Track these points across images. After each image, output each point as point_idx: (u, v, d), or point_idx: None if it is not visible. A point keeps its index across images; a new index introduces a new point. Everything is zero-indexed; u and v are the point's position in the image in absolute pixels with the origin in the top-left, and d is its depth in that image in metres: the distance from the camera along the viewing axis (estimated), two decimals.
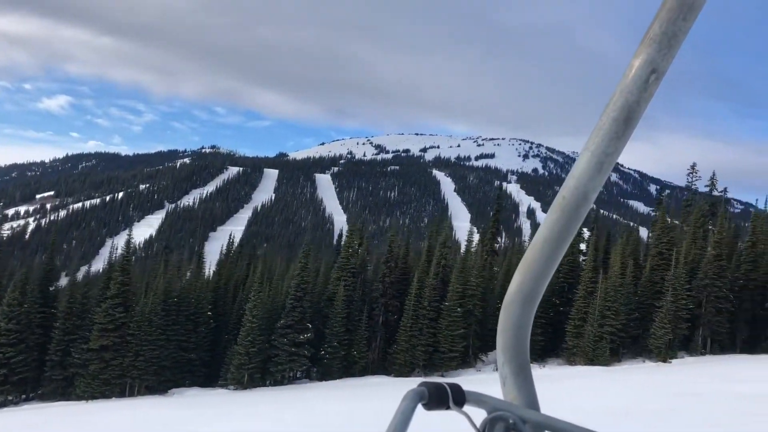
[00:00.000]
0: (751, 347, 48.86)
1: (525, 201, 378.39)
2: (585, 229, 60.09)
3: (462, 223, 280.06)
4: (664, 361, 44.90)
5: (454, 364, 45.55)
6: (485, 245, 59.88)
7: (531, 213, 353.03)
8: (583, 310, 47.79)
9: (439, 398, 0.94)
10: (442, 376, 45.35)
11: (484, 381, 42.43)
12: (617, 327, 45.89)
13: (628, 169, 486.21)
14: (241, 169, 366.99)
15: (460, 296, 46.19)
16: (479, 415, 0.98)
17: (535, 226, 59.28)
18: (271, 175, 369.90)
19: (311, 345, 44.25)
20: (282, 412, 26.17)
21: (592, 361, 45.80)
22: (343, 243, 49.17)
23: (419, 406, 0.93)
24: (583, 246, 55.16)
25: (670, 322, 45.38)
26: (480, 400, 0.98)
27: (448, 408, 0.94)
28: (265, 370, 43.37)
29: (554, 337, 49.49)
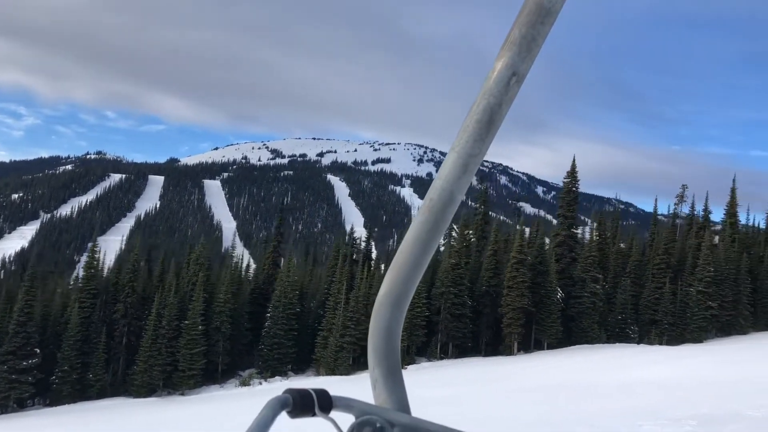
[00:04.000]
0: (494, 350, 51.98)
1: (417, 204, 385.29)
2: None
3: (355, 228, 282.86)
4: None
5: (192, 383, 45.76)
6: (267, 258, 60.49)
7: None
8: (331, 322, 49.27)
9: (304, 405, 0.89)
10: (183, 394, 45.54)
11: (224, 397, 43.03)
12: (357, 337, 47.54)
13: (518, 172, 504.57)
14: (124, 176, 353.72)
15: (202, 314, 46.51)
16: (348, 420, 0.96)
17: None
18: (157, 182, 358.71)
19: (40, 370, 43.30)
20: None
21: (333, 371, 47.24)
22: (84, 264, 48.42)
23: (284, 415, 0.89)
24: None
25: (406, 330, 47.52)
26: (348, 404, 0.95)
27: (314, 414, 0.91)
28: None
29: (308, 349, 50.74)
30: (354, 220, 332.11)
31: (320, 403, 0.91)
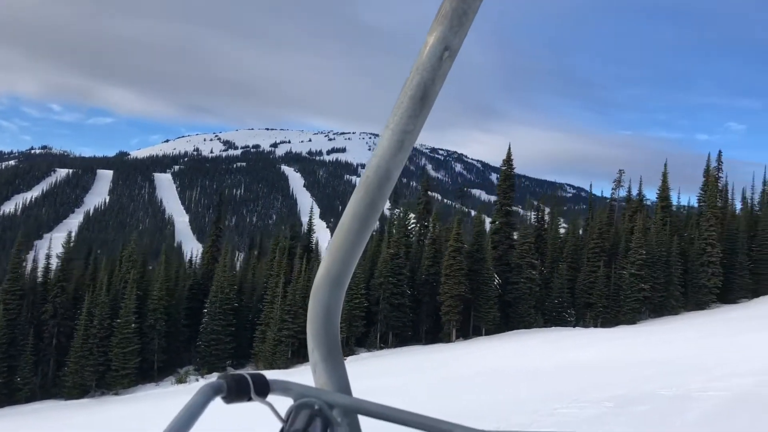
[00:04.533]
0: (434, 337, 52.39)
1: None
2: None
3: (306, 218, 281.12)
4: None
5: (126, 382, 44.87)
6: (206, 253, 59.57)
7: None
8: (269, 316, 48.87)
9: (239, 389, 0.87)
10: (117, 394, 44.62)
11: (160, 395, 42.27)
12: (296, 330, 47.28)
13: (472, 159, 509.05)
14: (71, 170, 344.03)
15: (136, 311, 45.56)
16: (287, 404, 0.94)
17: (381, 219, 59.95)
18: (106, 176, 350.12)
19: None
20: None
21: (271, 365, 46.92)
22: (10, 264, 46.87)
23: (218, 400, 0.87)
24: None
25: (344, 321, 47.45)
26: (286, 388, 0.93)
27: (250, 399, 0.88)
28: None
29: (248, 344, 50.26)
30: (309, 210, 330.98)
31: (256, 388, 0.88)
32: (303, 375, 43.78)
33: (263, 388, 0.90)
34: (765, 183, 64.35)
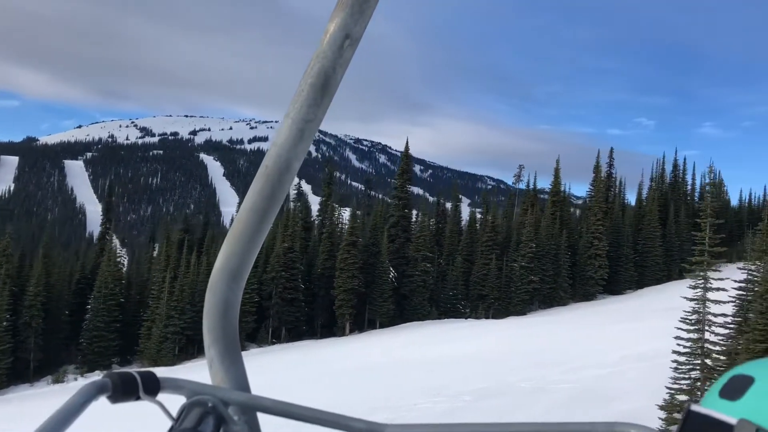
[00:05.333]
0: (329, 331, 52.31)
1: (295, 183, 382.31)
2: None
3: (230, 208, 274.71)
4: None
5: None
6: (97, 246, 57.08)
7: (302, 195, 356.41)
8: (155, 311, 47.43)
9: (127, 388, 0.82)
10: None
11: (32, 396, 40.15)
12: (182, 326, 46.10)
13: (396, 151, 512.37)
14: None
15: (10, 308, 43.17)
16: (180, 403, 0.90)
17: (305, 208, 58.67)
18: (11, 162, 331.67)
19: None
20: None
21: (156, 362, 45.54)
22: None
23: (103, 400, 0.82)
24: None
25: None
26: (177, 386, 0.88)
27: (138, 398, 0.84)
28: None
29: (135, 341, 48.63)
30: (229, 200, 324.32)
31: (145, 386, 0.84)
32: (190, 373, 42.72)
33: (153, 387, 0.85)
34: (652, 179, 67.58)
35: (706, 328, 15.03)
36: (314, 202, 72.75)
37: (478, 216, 63.49)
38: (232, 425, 0.88)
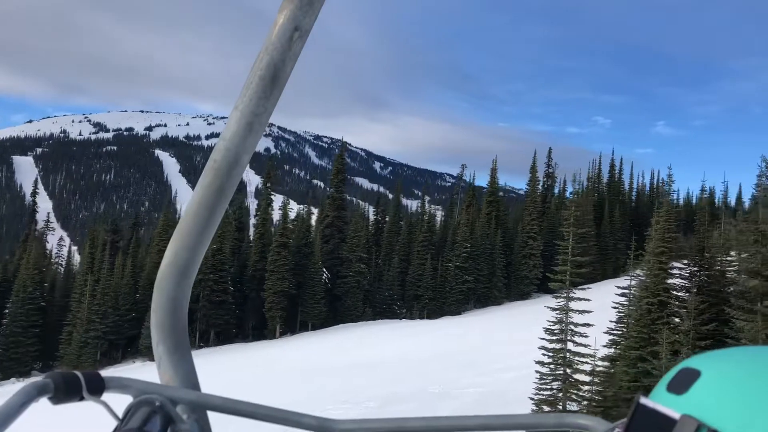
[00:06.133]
0: (261, 333, 51.51)
1: (254, 180, 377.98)
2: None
3: (186, 206, 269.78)
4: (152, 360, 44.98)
5: None
6: (20, 248, 55.13)
7: (260, 192, 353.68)
8: (76, 315, 45.98)
9: (70, 388, 0.79)
10: None
11: None
12: (104, 330, 44.79)
13: (356, 147, 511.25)
14: None
15: None
16: (126, 402, 0.88)
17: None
18: None
19: None
20: None
21: (76, 368, 44.07)
22: None
23: (44, 401, 0.80)
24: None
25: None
26: (123, 385, 0.87)
27: (82, 399, 0.82)
28: None
29: (54, 346, 47.07)
30: (185, 197, 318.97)
31: (89, 386, 0.81)
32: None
33: (97, 386, 0.83)
34: (588, 178, 68.38)
35: (569, 338, 14.89)
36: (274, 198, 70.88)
37: (439, 215, 63.20)
38: (180, 424, 0.85)
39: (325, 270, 52.91)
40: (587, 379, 15.02)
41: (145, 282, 48.19)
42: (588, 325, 15.61)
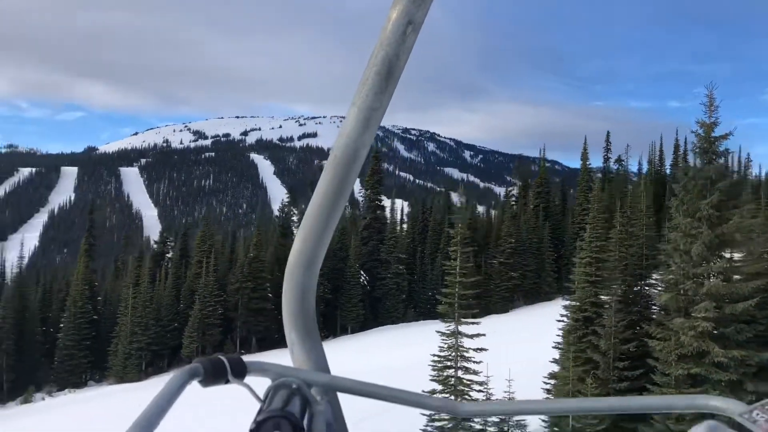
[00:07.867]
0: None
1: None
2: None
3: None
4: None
5: None
6: (79, 262, 58.25)
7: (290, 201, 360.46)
8: (121, 328, 47.91)
9: (216, 372, 0.88)
10: None
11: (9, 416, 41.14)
12: (146, 342, 46.41)
13: (445, 138, 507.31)
14: (34, 169, 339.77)
15: None
16: (265, 385, 0.93)
17: (354, 202, 59.62)
18: (71, 173, 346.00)
19: None
20: None
21: (122, 379, 46.07)
22: None
23: (195, 384, 0.88)
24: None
25: (198, 330, 46.63)
26: (263, 369, 0.93)
27: (227, 382, 0.89)
28: None
29: (104, 357, 49.32)
30: (280, 198, 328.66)
31: (233, 370, 0.89)
32: (154, 390, 42.86)
33: (240, 370, 0.89)
34: (649, 161, 63.55)
35: (458, 364, 13.52)
36: (358, 196, 69.96)
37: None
38: (316, 405, 0.90)
39: (362, 273, 52.36)
40: None
41: (186, 292, 49.55)
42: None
